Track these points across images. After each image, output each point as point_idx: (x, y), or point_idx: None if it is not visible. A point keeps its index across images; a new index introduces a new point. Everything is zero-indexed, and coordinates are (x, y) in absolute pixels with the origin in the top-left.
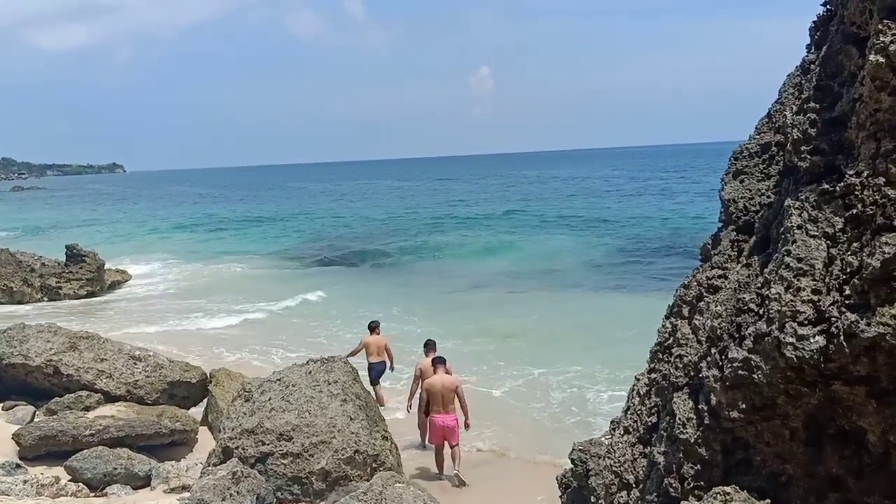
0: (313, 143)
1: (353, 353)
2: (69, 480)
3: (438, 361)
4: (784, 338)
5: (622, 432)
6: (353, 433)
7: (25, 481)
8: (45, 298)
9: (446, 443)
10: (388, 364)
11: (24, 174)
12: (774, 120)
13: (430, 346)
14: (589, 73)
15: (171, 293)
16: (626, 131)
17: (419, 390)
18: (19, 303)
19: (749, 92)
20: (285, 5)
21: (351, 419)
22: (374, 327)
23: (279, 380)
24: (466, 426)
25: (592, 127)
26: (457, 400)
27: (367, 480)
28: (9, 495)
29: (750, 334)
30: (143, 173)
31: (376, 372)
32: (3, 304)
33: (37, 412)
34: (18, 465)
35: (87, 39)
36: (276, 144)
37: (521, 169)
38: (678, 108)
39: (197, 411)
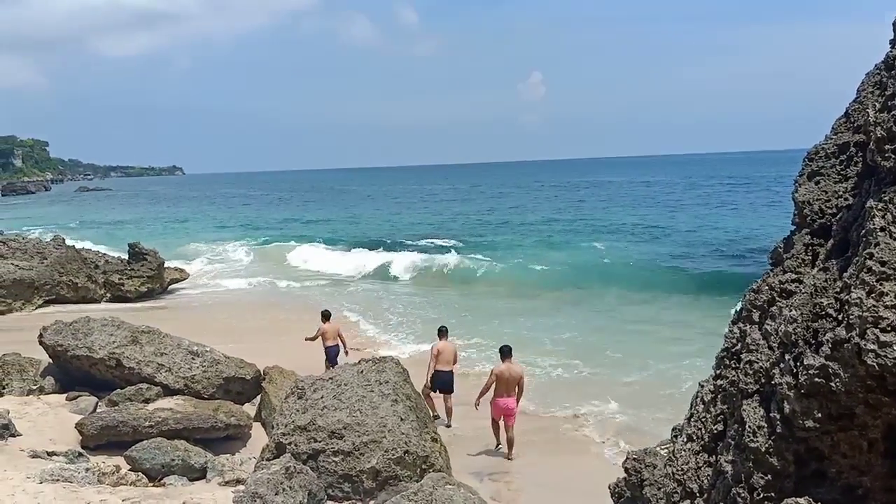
0: (365, 148)
1: (311, 339)
2: (129, 470)
3: (507, 353)
4: (865, 344)
5: (685, 440)
6: (403, 433)
7: (87, 469)
8: (109, 295)
9: (503, 419)
10: (343, 348)
11: (89, 175)
12: (853, 119)
13: (443, 332)
14: (641, 79)
15: (228, 294)
16: (681, 138)
17: (431, 370)
18: (83, 298)
19: (813, 98)
20: (338, 14)
21: (401, 420)
22: (327, 316)
23: (331, 378)
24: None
25: (646, 134)
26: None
27: (417, 481)
28: (71, 482)
29: (828, 340)
30: (201, 175)
31: (333, 354)
32: (69, 301)
33: (99, 403)
34: (81, 454)
35: (148, 47)
36: (329, 149)
37: (574, 176)
38: (736, 114)
39: (250, 407)
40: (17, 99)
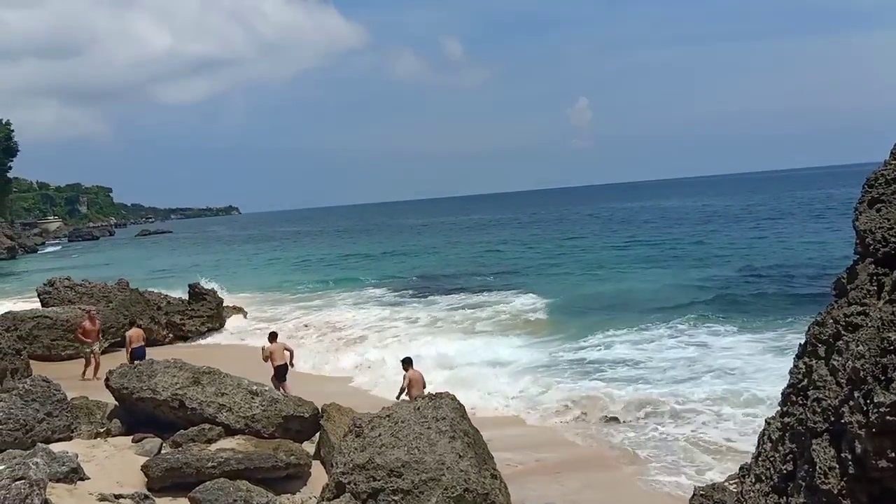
0: (415, 180)
1: (127, 347)
2: None
3: (410, 363)
4: None
5: (753, 480)
6: (462, 471)
7: None
8: (171, 335)
9: None
10: (143, 345)
11: (151, 218)
12: None
13: (273, 336)
14: (690, 100)
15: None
16: (734, 157)
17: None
18: (147, 339)
19: (877, 110)
20: (386, 50)
21: (460, 456)
22: (133, 322)
23: (388, 416)
24: None
25: (698, 154)
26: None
27: None
28: None
29: None
30: (257, 214)
31: (139, 353)
32: None
33: (163, 444)
34: (147, 496)
35: (206, 92)
36: (380, 183)
37: (626, 201)
38: (791, 130)
39: (309, 445)
40: (82, 148)
